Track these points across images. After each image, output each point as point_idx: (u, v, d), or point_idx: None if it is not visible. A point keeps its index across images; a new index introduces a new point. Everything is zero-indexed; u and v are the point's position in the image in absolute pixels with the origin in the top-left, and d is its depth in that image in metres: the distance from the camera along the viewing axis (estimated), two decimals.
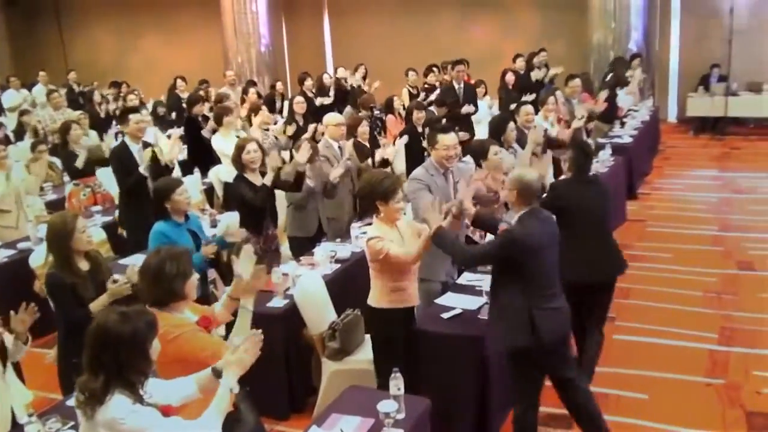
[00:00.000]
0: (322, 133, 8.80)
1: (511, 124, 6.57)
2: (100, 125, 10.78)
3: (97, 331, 2.69)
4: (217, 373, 2.93)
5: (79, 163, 7.72)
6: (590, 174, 5.25)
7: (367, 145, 7.36)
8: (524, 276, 3.98)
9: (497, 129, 6.50)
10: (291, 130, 8.40)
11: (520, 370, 4.09)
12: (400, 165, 8.01)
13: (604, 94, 9.23)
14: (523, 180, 4.07)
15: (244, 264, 3.62)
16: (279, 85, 12.22)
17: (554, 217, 4.31)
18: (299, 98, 9.27)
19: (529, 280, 3.99)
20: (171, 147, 6.91)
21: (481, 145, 5.79)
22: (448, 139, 5.05)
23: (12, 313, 3.69)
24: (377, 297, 4.41)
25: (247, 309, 3.50)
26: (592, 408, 4.25)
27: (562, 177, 5.20)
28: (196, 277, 3.50)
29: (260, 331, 3.02)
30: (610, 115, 10.13)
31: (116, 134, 11.17)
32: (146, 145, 6.85)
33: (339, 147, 6.69)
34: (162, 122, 11.51)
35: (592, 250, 4.85)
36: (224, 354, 3.03)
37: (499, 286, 4.12)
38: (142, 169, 6.51)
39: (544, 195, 4.82)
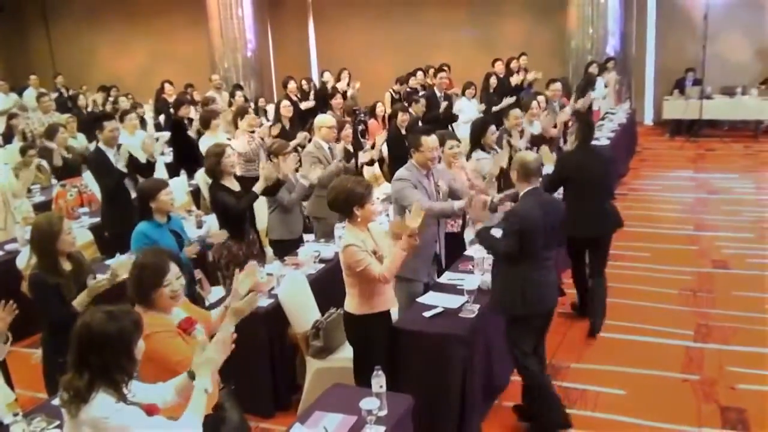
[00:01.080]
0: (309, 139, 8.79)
1: (492, 128, 6.57)
2: (88, 128, 10.68)
3: (83, 329, 2.64)
4: (192, 376, 2.90)
5: (57, 161, 7.68)
6: (592, 144, 6.15)
7: (351, 147, 7.34)
8: (522, 249, 4.31)
9: (479, 131, 6.50)
10: (276, 130, 8.36)
11: (515, 330, 4.50)
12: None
13: (586, 100, 9.27)
14: (522, 161, 4.50)
15: (244, 282, 3.51)
16: (261, 101, 12.05)
17: (558, 196, 5.03)
18: (285, 102, 9.23)
19: (526, 254, 4.33)
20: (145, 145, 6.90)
21: (440, 137, 5.80)
22: (431, 141, 5.10)
23: None
24: (355, 304, 4.34)
25: (228, 329, 3.25)
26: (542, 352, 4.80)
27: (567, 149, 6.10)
28: (179, 283, 3.37)
29: (232, 330, 2.99)
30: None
31: None
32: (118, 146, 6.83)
33: (329, 148, 6.67)
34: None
35: (591, 209, 5.67)
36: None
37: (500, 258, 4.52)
38: (120, 166, 6.48)
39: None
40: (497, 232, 4.56)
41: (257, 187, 5.59)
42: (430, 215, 4.75)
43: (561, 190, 6.06)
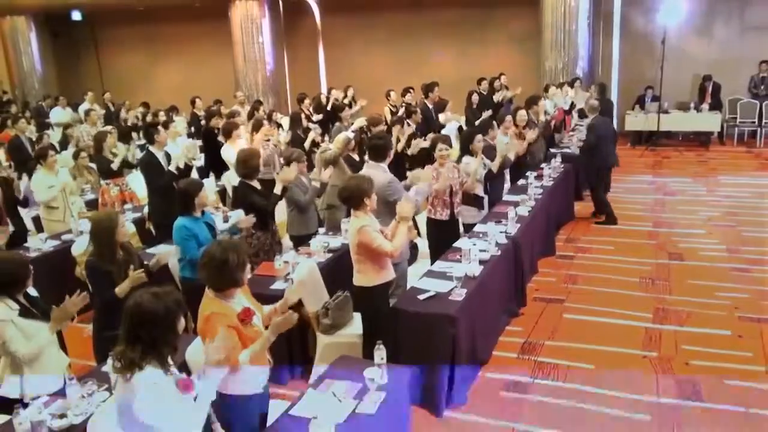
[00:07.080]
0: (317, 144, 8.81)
1: (479, 137, 6.57)
2: (126, 138, 10.69)
3: (135, 308, 2.66)
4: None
5: (115, 165, 7.70)
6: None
7: (357, 156, 7.30)
8: (599, 145, 8.11)
9: (467, 141, 6.51)
10: (288, 137, 8.43)
11: (595, 177, 8.43)
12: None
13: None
14: (591, 104, 8.53)
15: (294, 293, 3.47)
16: (276, 115, 11.92)
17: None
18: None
19: (599, 143, 8.13)
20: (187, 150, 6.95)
21: (432, 141, 6.44)
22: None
23: (67, 297, 3.65)
24: (367, 278, 4.46)
25: (272, 336, 3.20)
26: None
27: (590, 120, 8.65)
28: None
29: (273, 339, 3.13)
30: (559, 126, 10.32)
31: (140, 146, 11.11)
32: (167, 155, 6.85)
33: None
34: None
35: (608, 153, 8.46)
36: (235, 356, 3.00)
37: (588, 151, 8.34)
38: (172, 168, 6.54)
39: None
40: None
41: (277, 189, 5.62)
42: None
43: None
